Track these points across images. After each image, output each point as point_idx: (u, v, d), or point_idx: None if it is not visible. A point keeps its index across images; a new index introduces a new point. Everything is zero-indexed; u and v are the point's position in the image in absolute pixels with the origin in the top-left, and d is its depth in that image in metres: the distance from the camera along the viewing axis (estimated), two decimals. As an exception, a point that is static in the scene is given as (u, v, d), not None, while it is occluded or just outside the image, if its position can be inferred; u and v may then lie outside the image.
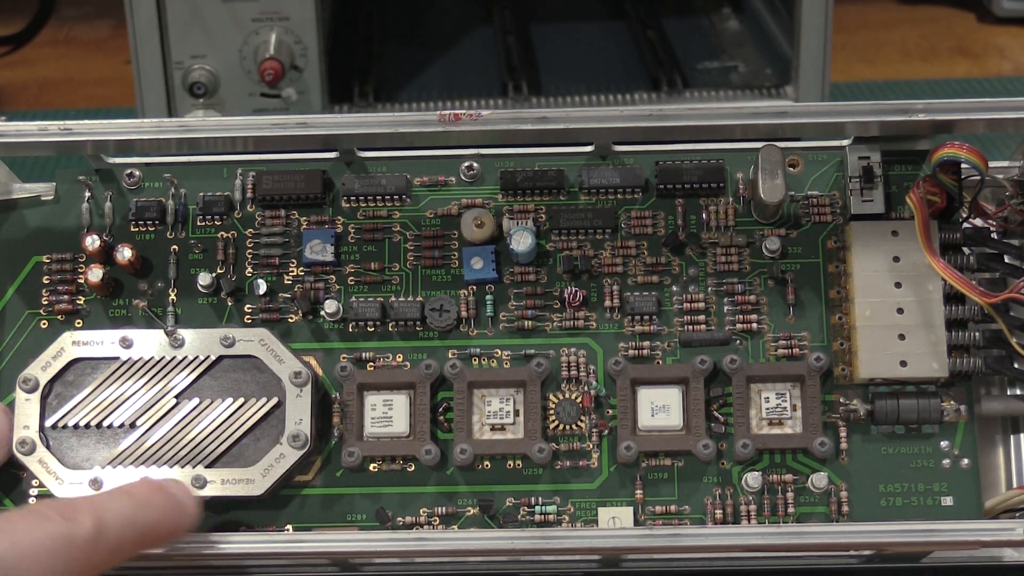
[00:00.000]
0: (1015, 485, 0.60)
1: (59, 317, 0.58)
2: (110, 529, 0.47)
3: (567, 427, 0.57)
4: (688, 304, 0.58)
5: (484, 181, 0.60)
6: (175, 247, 0.59)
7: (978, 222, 0.58)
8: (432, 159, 0.60)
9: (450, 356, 0.58)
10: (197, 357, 0.56)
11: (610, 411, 0.57)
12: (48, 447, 0.55)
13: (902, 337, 0.56)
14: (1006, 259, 0.58)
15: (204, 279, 0.58)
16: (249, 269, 0.59)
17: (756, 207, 0.59)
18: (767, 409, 0.56)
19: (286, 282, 0.59)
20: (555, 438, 0.57)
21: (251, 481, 0.55)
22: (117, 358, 0.56)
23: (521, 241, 0.57)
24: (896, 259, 0.57)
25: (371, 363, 0.58)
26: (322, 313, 0.58)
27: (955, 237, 0.57)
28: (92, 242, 0.58)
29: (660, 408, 0.56)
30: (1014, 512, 0.57)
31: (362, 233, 0.59)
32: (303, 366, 0.56)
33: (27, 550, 0.44)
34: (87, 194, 0.59)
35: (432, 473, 0.57)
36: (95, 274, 0.57)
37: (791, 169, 0.59)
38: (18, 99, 1.07)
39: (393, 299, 0.58)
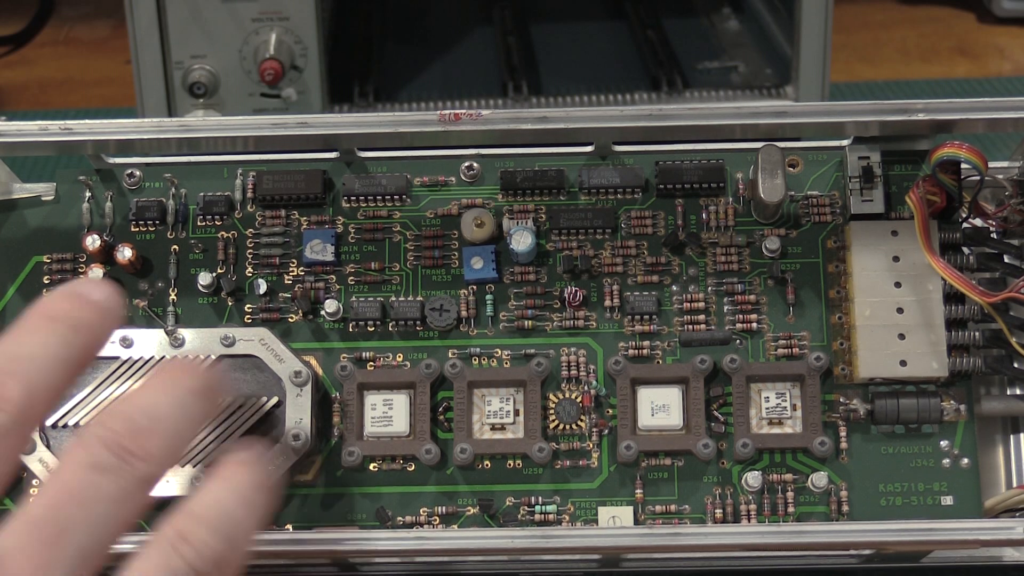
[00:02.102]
0: (1015, 485, 0.60)
1: (59, 317, 0.58)
2: (39, 384, 0.38)
3: (567, 427, 0.57)
4: (688, 304, 0.58)
5: (484, 181, 0.60)
6: (175, 247, 0.59)
7: (978, 222, 0.58)
8: (432, 159, 0.60)
9: (450, 356, 0.58)
10: (197, 356, 0.56)
11: (610, 411, 0.57)
12: (48, 446, 0.55)
13: (902, 337, 0.56)
14: (1006, 259, 0.58)
15: (204, 279, 0.58)
16: (249, 269, 0.59)
17: (756, 207, 0.59)
18: (767, 409, 0.56)
19: (286, 282, 0.59)
20: (555, 437, 0.57)
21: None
22: (117, 357, 0.56)
23: (521, 241, 0.57)
24: (896, 259, 0.57)
25: (371, 363, 0.58)
26: (322, 313, 0.58)
27: (955, 237, 0.57)
28: (92, 242, 0.58)
29: (660, 408, 0.56)
30: (1014, 512, 0.57)
31: (362, 233, 0.59)
32: (303, 365, 0.56)
33: None
34: (87, 194, 0.60)
35: (432, 472, 0.57)
36: (95, 274, 0.57)
37: (791, 169, 0.59)
38: (18, 99, 1.07)
39: (393, 299, 0.58)
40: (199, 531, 0.38)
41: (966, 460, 0.56)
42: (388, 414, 0.57)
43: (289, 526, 0.56)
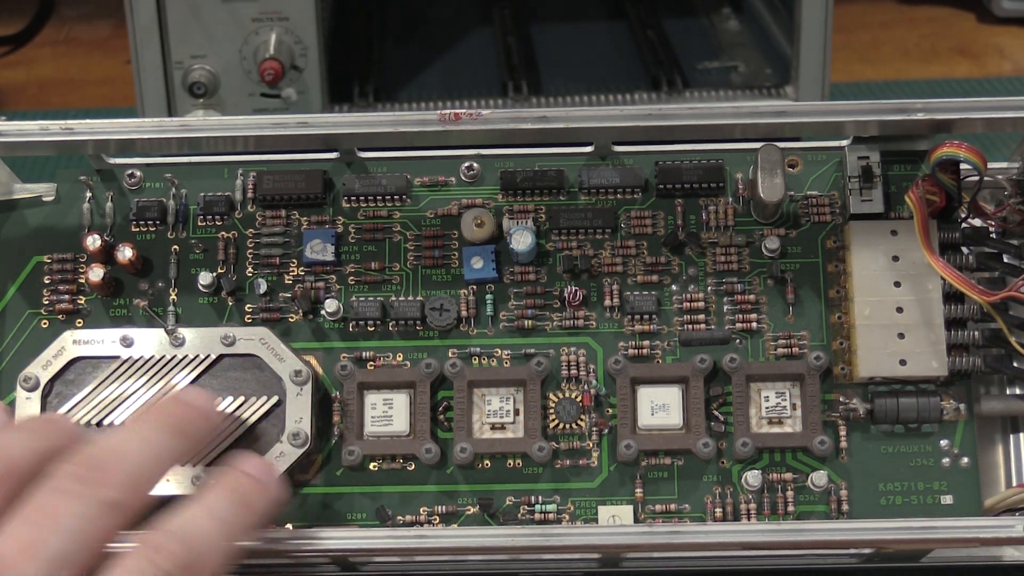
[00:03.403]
0: (1014, 484, 0.60)
1: (60, 316, 0.59)
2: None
3: (567, 426, 0.57)
4: (688, 303, 0.58)
5: (484, 181, 0.60)
6: (176, 247, 0.59)
7: (977, 222, 0.58)
8: (432, 159, 0.60)
9: (450, 355, 0.58)
10: (198, 356, 0.56)
11: (610, 410, 0.57)
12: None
13: (901, 336, 0.56)
14: (1005, 258, 0.58)
15: (205, 278, 0.58)
16: (250, 269, 0.59)
17: (755, 207, 0.59)
18: (767, 408, 0.56)
19: (286, 282, 0.59)
20: (555, 437, 0.57)
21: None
22: (118, 357, 0.56)
23: (521, 241, 0.57)
24: (895, 258, 0.57)
25: (371, 362, 0.58)
26: (322, 312, 0.58)
27: (954, 236, 0.57)
28: (93, 242, 0.58)
29: (660, 407, 0.56)
30: (1014, 511, 0.57)
31: (362, 233, 0.59)
32: (303, 365, 0.56)
33: None
34: (88, 194, 0.60)
35: (432, 472, 0.57)
36: (96, 274, 0.57)
37: (790, 169, 0.59)
38: (18, 99, 1.07)
39: (393, 298, 0.58)
40: (169, 542, 0.43)
41: (966, 459, 0.57)
42: (388, 413, 0.57)
43: (289, 525, 0.56)
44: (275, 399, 0.56)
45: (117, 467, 0.44)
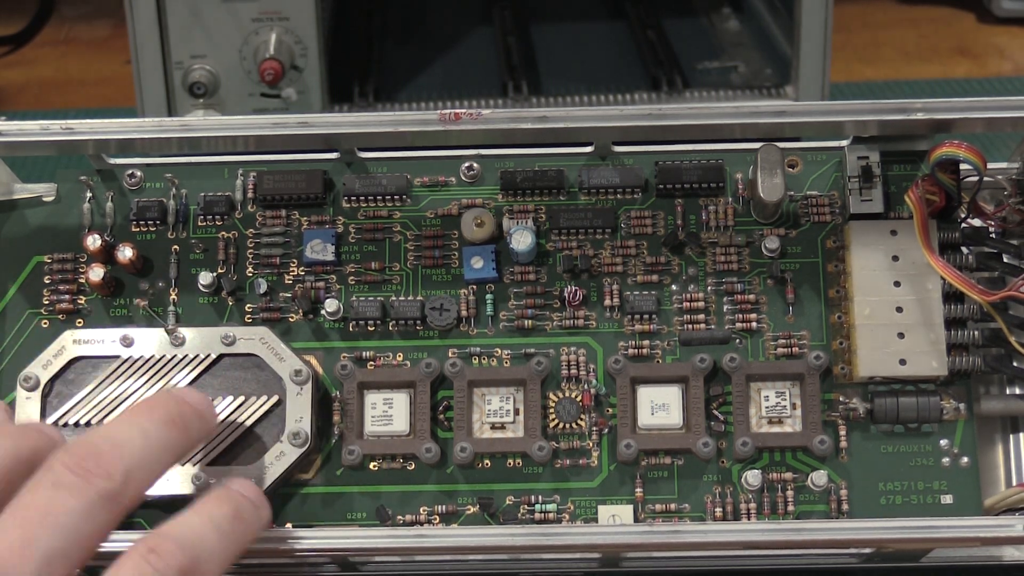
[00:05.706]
0: (1014, 483, 0.60)
1: (60, 316, 0.59)
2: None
3: (567, 425, 0.57)
4: (688, 303, 0.58)
5: (484, 181, 0.60)
6: (176, 247, 0.59)
7: (976, 222, 0.58)
8: (432, 159, 0.60)
9: (450, 355, 0.58)
10: (198, 356, 0.56)
11: (610, 410, 0.57)
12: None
13: (901, 336, 0.56)
14: (1005, 258, 0.58)
15: (205, 278, 0.58)
16: (250, 268, 0.59)
17: (755, 207, 0.59)
18: (767, 408, 0.56)
19: (287, 281, 0.59)
20: (555, 436, 0.57)
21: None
22: (118, 356, 0.56)
23: (521, 240, 0.57)
24: (895, 258, 0.57)
25: (371, 362, 0.58)
26: (323, 312, 0.58)
27: (954, 236, 0.57)
28: (93, 242, 0.58)
29: (660, 407, 0.56)
30: (1014, 511, 0.57)
31: (363, 233, 0.59)
32: (303, 364, 0.56)
33: None
34: (88, 194, 0.60)
35: (432, 471, 0.57)
36: (96, 273, 0.57)
37: (790, 169, 0.59)
38: (18, 99, 1.07)
39: (393, 298, 0.58)
40: (167, 545, 0.42)
41: (965, 459, 0.57)
42: (388, 413, 0.57)
43: (289, 525, 0.56)
44: (275, 399, 0.56)
45: (115, 456, 0.43)
